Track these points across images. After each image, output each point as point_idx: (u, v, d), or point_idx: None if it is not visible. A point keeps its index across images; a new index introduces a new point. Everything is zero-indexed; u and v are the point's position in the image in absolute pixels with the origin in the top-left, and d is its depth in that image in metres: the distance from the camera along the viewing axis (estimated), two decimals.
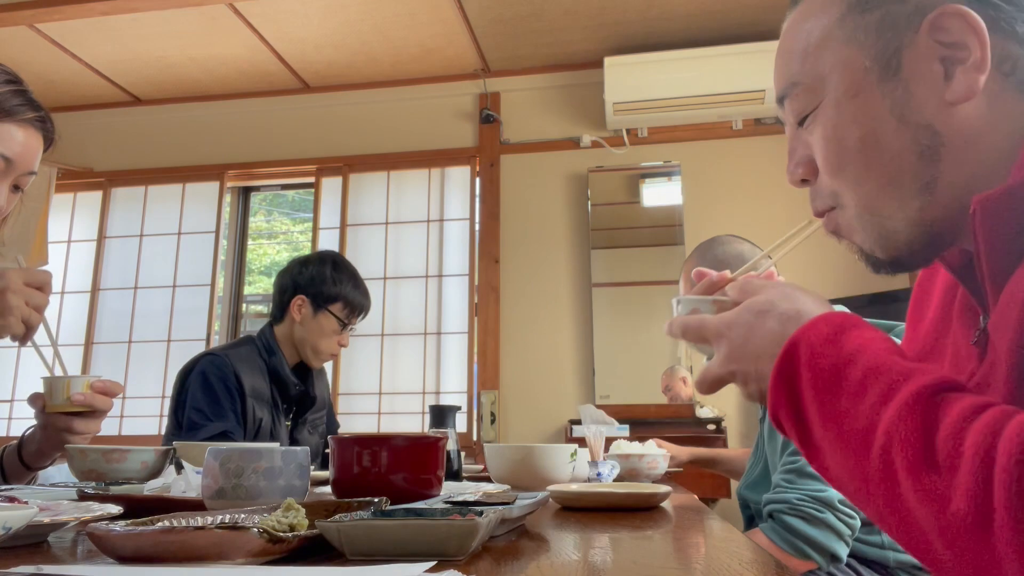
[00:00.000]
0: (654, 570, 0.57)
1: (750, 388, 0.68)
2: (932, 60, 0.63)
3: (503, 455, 1.31)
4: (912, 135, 0.64)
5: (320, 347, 1.99)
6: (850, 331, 0.60)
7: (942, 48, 0.63)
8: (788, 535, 1.26)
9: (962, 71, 0.62)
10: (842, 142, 0.67)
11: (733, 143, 3.67)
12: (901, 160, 0.65)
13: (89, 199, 4.23)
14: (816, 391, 0.59)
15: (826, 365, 0.59)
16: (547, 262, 3.72)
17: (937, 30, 0.63)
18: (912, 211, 0.66)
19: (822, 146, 0.69)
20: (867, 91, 0.66)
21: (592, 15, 3.42)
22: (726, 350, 0.69)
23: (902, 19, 0.65)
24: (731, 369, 0.68)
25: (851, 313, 0.64)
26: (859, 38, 0.67)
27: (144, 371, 3.94)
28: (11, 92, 1.13)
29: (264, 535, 0.54)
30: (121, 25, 3.49)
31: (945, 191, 0.64)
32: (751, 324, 0.67)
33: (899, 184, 0.65)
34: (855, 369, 0.57)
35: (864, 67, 0.66)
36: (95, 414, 1.17)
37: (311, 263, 2.04)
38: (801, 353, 0.61)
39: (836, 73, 0.68)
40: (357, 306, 2.02)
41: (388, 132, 3.99)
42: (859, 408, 0.56)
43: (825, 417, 0.58)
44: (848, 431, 0.56)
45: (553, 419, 3.53)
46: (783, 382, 0.62)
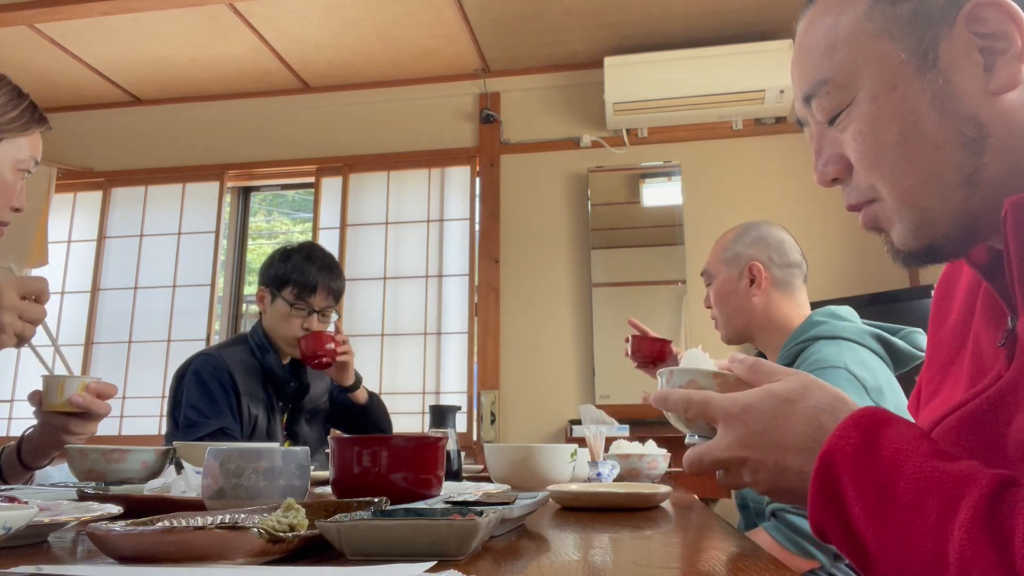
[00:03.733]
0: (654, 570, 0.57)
1: (759, 476, 0.65)
2: (971, 51, 0.62)
3: (503, 455, 1.31)
4: (955, 127, 0.63)
5: (281, 332, 1.95)
6: (881, 434, 0.58)
7: (980, 39, 0.62)
8: (792, 534, 1.26)
9: (1003, 61, 0.62)
10: (881, 136, 0.66)
11: (733, 143, 3.67)
12: (944, 152, 0.63)
13: (89, 199, 4.23)
14: (866, 510, 0.57)
15: (869, 478, 0.57)
16: (547, 262, 3.72)
17: (975, 21, 0.62)
18: (954, 203, 0.64)
19: (859, 141, 0.67)
20: (905, 84, 0.64)
21: (592, 15, 3.42)
22: (738, 434, 0.65)
23: (936, 10, 0.64)
24: (741, 455, 0.65)
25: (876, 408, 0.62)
26: (891, 30, 0.65)
27: (144, 371, 3.94)
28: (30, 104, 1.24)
29: (264, 535, 0.54)
30: (121, 25, 3.49)
31: (988, 183, 0.63)
32: (777, 411, 0.64)
33: (941, 177, 0.64)
34: (902, 481, 0.56)
35: (900, 59, 0.65)
36: (91, 416, 1.18)
37: (273, 255, 2.02)
38: (840, 466, 0.59)
39: (870, 67, 0.66)
40: (305, 285, 1.93)
41: (388, 132, 3.99)
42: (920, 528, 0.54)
43: (880, 537, 0.56)
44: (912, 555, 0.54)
45: (553, 419, 3.53)
46: (824, 498, 0.59)
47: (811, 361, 1.39)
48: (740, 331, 1.64)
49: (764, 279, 1.59)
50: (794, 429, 0.63)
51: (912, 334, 1.45)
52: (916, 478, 0.55)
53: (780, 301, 1.59)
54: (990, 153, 0.62)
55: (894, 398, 1.35)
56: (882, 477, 0.56)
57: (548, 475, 1.28)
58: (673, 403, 0.70)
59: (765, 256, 1.61)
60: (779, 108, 3.52)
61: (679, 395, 0.70)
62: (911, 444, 0.57)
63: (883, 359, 1.43)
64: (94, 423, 1.19)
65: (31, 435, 1.22)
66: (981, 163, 0.63)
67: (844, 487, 0.58)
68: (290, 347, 1.96)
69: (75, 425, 1.18)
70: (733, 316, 1.63)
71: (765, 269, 1.59)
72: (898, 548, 0.55)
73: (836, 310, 1.52)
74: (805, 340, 1.46)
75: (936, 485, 0.54)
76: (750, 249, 1.62)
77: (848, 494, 0.58)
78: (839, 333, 1.43)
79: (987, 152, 0.62)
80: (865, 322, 1.50)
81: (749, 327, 1.62)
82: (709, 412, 0.67)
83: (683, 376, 0.72)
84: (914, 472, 0.55)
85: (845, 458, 0.58)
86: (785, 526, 1.27)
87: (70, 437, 1.18)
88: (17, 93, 1.22)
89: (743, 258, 1.62)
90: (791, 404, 0.64)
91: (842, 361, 1.35)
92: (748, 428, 0.65)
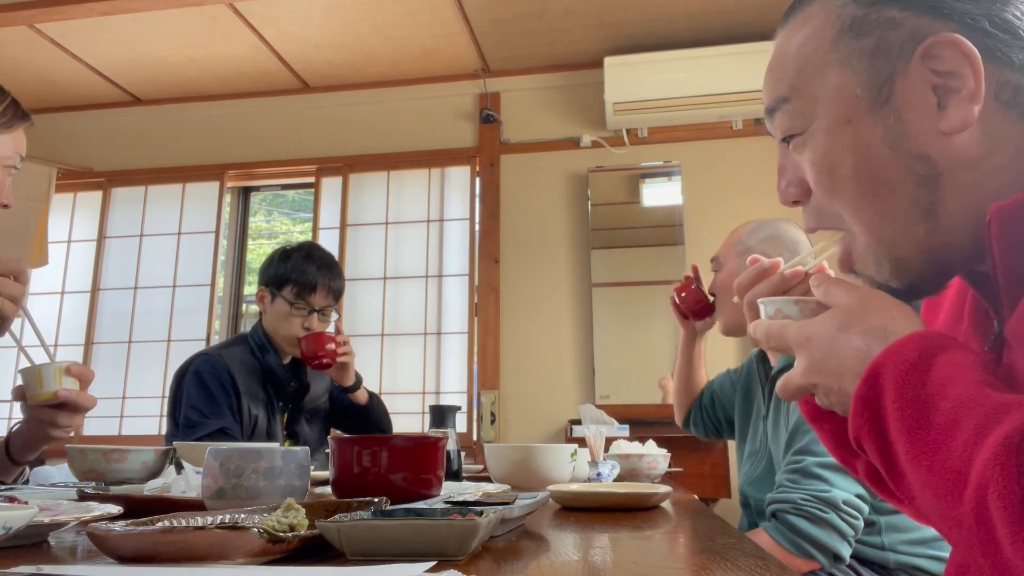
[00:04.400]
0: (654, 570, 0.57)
1: (831, 400, 0.66)
2: (925, 89, 0.63)
3: (503, 455, 1.31)
4: (906, 164, 0.64)
5: (282, 332, 1.95)
6: (939, 356, 0.58)
7: (935, 77, 0.62)
8: (792, 535, 1.26)
9: (956, 101, 0.62)
10: (834, 168, 0.67)
11: (733, 143, 3.67)
12: (899, 187, 0.64)
13: (89, 199, 4.23)
14: (903, 423, 0.56)
15: (913, 396, 0.56)
16: (547, 262, 3.72)
17: (931, 58, 0.62)
18: (918, 236, 0.65)
19: (814, 171, 0.69)
20: (858, 119, 0.65)
21: (592, 15, 3.42)
22: (806, 362, 0.66)
23: (896, 46, 0.64)
24: (812, 381, 0.66)
25: (941, 332, 0.61)
26: (852, 63, 0.66)
27: (144, 371, 3.94)
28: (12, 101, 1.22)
29: (264, 535, 0.54)
30: (121, 25, 3.49)
31: (947, 217, 0.63)
32: (833, 339, 0.64)
33: (899, 210, 0.65)
34: (945, 401, 0.55)
35: (856, 94, 0.65)
36: (78, 408, 1.15)
37: (272, 255, 2.03)
38: (886, 380, 0.58)
39: (827, 99, 0.67)
40: (305, 284, 1.94)
41: (388, 132, 3.99)
42: (951, 445, 0.53)
43: (914, 451, 0.55)
44: (939, 469, 0.53)
45: (553, 419, 3.53)
46: (866, 408, 0.59)
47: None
48: (739, 324, 1.64)
49: None
50: (847, 356, 0.63)
51: None
52: (959, 398, 0.54)
53: None
54: (945, 190, 0.63)
55: None
56: (927, 394, 0.56)
57: (548, 475, 1.28)
58: (760, 335, 0.72)
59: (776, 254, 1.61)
60: None
61: (763, 327, 0.71)
62: (965, 369, 0.56)
63: None
64: (81, 415, 1.16)
65: (19, 430, 1.20)
66: (937, 198, 0.63)
67: (886, 398, 0.58)
68: (291, 347, 1.96)
69: (62, 418, 1.14)
70: (733, 309, 1.63)
71: None
72: (926, 463, 0.54)
73: None
74: None
75: (978, 407, 0.53)
76: (762, 245, 1.62)
77: (888, 405, 0.57)
78: None
79: (942, 188, 0.63)
80: None
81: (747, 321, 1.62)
82: (785, 343, 0.69)
83: (771, 306, 0.74)
84: (959, 393, 0.55)
85: (894, 371, 0.58)
86: (785, 527, 1.27)
87: (57, 431, 1.15)
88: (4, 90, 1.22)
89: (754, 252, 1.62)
90: (845, 330, 0.64)
91: None
92: (811, 356, 0.66)
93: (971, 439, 0.52)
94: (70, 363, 1.14)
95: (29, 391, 1.12)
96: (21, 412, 1.19)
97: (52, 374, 1.12)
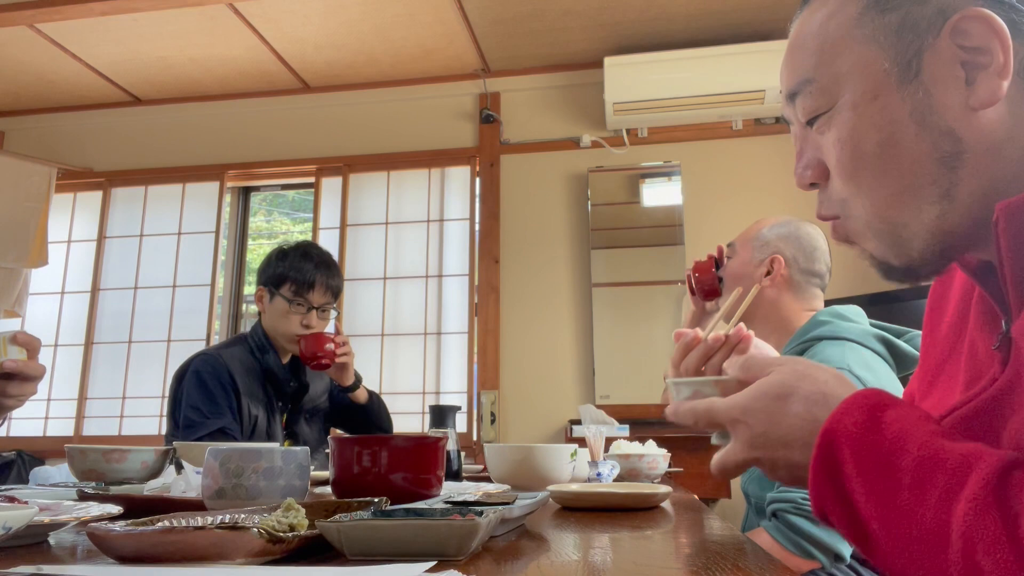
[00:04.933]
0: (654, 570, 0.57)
1: (779, 474, 0.65)
2: (954, 64, 0.62)
3: (503, 455, 1.31)
4: (933, 140, 0.63)
5: (281, 330, 1.95)
6: (887, 412, 0.58)
7: (963, 52, 0.62)
8: (792, 534, 1.26)
9: (984, 76, 0.61)
10: (859, 146, 0.66)
11: (733, 143, 3.67)
12: (920, 166, 0.63)
13: (89, 199, 4.23)
14: (869, 487, 0.55)
15: (873, 459, 0.56)
16: (547, 262, 3.72)
17: (959, 34, 0.62)
18: (929, 219, 0.64)
19: (837, 149, 0.67)
20: (887, 94, 0.64)
21: (592, 15, 3.42)
22: (746, 436, 0.66)
23: (923, 21, 0.63)
24: (755, 456, 0.66)
25: (877, 390, 0.61)
26: (879, 39, 0.65)
27: (144, 371, 3.94)
28: None
29: (264, 535, 0.54)
30: (121, 25, 3.49)
31: (964, 199, 0.63)
32: (771, 410, 0.64)
33: (917, 191, 0.64)
34: (906, 458, 0.54)
35: (884, 69, 0.64)
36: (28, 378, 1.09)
37: (270, 255, 2.03)
38: (841, 445, 0.57)
39: (854, 74, 0.66)
40: (303, 281, 1.94)
41: (388, 132, 3.99)
42: (924, 504, 0.52)
43: (886, 517, 0.54)
44: (916, 532, 0.52)
45: (553, 419, 3.53)
46: (826, 478, 0.58)
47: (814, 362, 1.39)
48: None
49: (781, 275, 1.59)
50: (792, 425, 0.63)
51: (916, 337, 1.45)
52: (921, 456, 0.54)
53: (790, 300, 1.59)
54: (966, 168, 0.62)
55: None
56: (886, 455, 0.55)
57: (548, 475, 1.28)
58: (683, 417, 0.71)
59: (791, 254, 1.61)
60: (779, 108, 3.50)
61: (686, 409, 0.71)
62: (916, 424, 0.56)
63: (887, 361, 1.42)
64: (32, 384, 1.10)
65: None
66: (957, 178, 0.62)
67: (845, 466, 0.57)
68: (290, 345, 1.96)
69: (12, 388, 1.08)
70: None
71: (785, 266, 1.60)
72: (900, 527, 0.54)
73: (842, 310, 1.52)
74: (808, 340, 1.46)
75: (941, 463, 0.53)
76: (780, 242, 1.62)
77: (849, 473, 0.57)
78: (843, 334, 1.43)
79: (963, 167, 0.62)
80: (872, 323, 1.50)
81: (751, 314, 1.63)
82: (715, 420, 0.68)
83: (687, 388, 0.73)
84: (919, 450, 0.54)
85: (847, 437, 0.57)
86: (785, 526, 1.27)
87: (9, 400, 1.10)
88: None
89: (770, 247, 1.62)
90: (783, 400, 0.64)
91: (845, 362, 1.35)
92: (751, 430, 0.65)
93: (943, 496, 0.52)
94: (16, 332, 1.08)
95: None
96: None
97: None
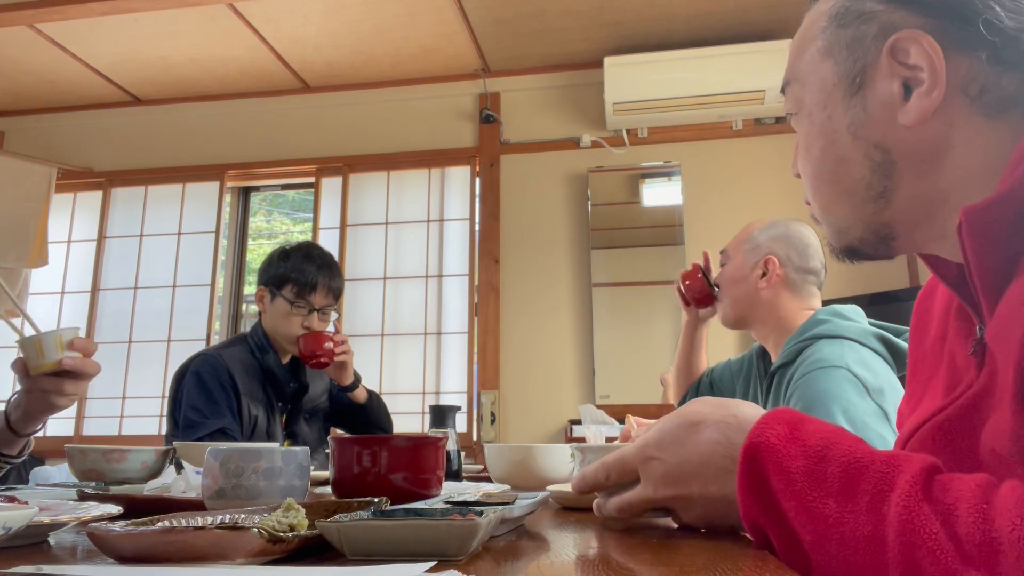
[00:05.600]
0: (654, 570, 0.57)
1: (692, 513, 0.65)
2: (892, 80, 0.65)
3: (503, 455, 1.31)
4: (864, 151, 0.67)
5: (282, 331, 1.95)
6: (805, 425, 0.59)
7: (904, 69, 0.64)
8: None
9: (917, 95, 0.64)
10: (809, 150, 0.72)
11: (733, 143, 3.67)
12: (855, 172, 0.68)
13: (89, 199, 4.23)
14: (798, 500, 0.55)
15: (797, 467, 0.56)
16: (547, 262, 3.72)
17: (898, 52, 0.64)
18: (866, 214, 0.69)
19: (798, 151, 0.75)
20: (833, 106, 0.69)
21: (592, 15, 3.42)
22: (659, 473, 0.65)
23: (868, 39, 0.66)
24: (668, 495, 0.65)
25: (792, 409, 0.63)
26: (833, 52, 0.69)
27: (144, 371, 3.94)
28: None
29: (264, 535, 0.54)
30: (121, 25, 3.49)
31: (901, 202, 0.67)
32: (684, 439, 0.64)
33: (853, 194, 0.69)
34: (831, 466, 0.55)
35: (833, 84, 0.69)
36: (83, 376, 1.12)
37: (271, 255, 2.03)
38: (766, 458, 0.58)
39: (813, 86, 0.71)
40: (305, 283, 1.94)
41: (388, 132, 3.99)
42: (854, 510, 0.53)
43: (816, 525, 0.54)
44: (848, 538, 0.53)
45: (553, 419, 3.53)
46: (754, 496, 0.58)
47: (812, 360, 1.39)
48: (741, 318, 1.65)
49: (776, 275, 1.59)
50: (706, 452, 0.63)
51: None
52: (846, 462, 0.55)
53: (788, 300, 1.59)
54: (900, 176, 0.66)
55: (895, 399, 1.34)
56: (812, 464, 0.56)
57: (548, 475, 1.28)
58: (593, 475, 0.71)
59: (784, 253, 1.61)
60: (779, 108, 3.52)
61: (593, 468, 0.71)
62: (837, 433, 0.58)
63: (886, 360, 1.42)
64: (85, 382, 1.14)
65: (17, 401, 1.16)
66: (892, 184, 0.67)
67: (772, 479, 0.57)
68: (291, 345, 1.96)
69: (68, 386, 1.11)
70: (737, 302, 1.64)
71: (780, 266, 1.60)
72: (832, 535, 0.53)
73: (841, 309, 1.52)
74: (807, 339, 1.46)
75: (866, 467, 0.54)
76: (772, 243, 1.62)
77: (776, 487, 0.57)
78: (841, 332, 1.43)
79: (897, 175, 0.66)
80: (871, 322, 1.50)
81: (750, 316, 1.63)
82: (627, 465, 0.68)
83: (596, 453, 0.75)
84: (843, 456, 0.55)
85: (771, 450, 0.58)
86: None
87: (62, 399, 1.13)
88: None
89: (762, 249, 1.62)
90: (695, 428, 0.65)
91: (843, 361, 1.35)
92: (665, 465, 0.65)
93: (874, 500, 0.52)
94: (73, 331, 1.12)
95: (31, 362, 1.09)
96: (20, 384, 1.15)
97: (53, 343, 1.09)
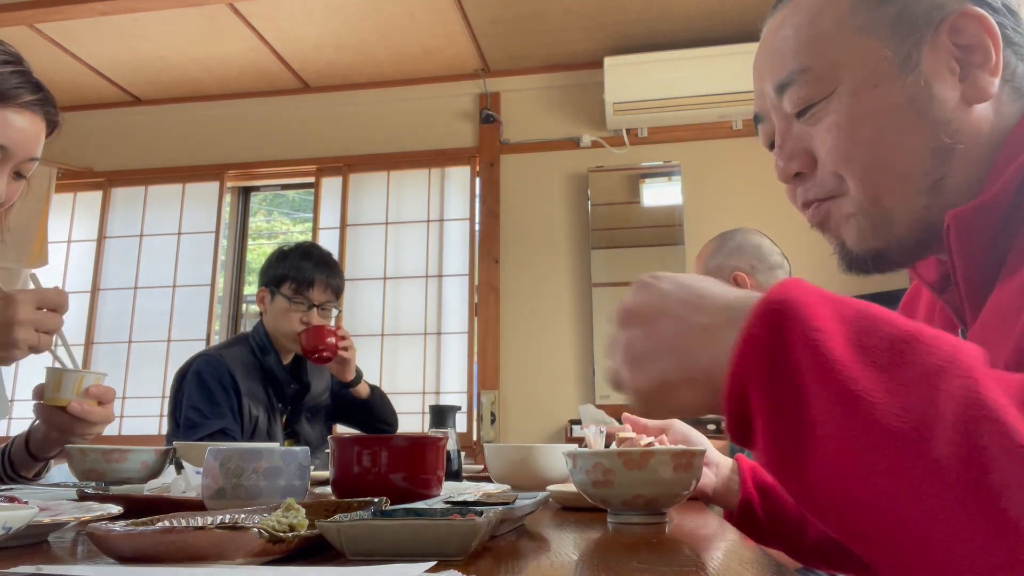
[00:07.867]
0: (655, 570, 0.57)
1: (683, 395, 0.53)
2: (949, 59, 0.64)
3: (503, 455, 1.31)
4: (931, 131, 0.64)
5: (282, 329, 1.96)
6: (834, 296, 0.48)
7: (957, 49, 0.64)
8: None
9: (978, 73, 0.63)
10: (857, 132, 0.65)
11: (733, 143, 3.67)
12: (916, 155, 0.64)
13: (89, 199, 4.23)
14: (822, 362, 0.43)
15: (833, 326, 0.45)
16: (547, 262, 3.72)
17: (955, 31, 0.64)
18: (917, 208, 0.65)
19: (834, 135, 0.66)
20: (887, 82, 0.65)
21: (592, 15, 3.42)
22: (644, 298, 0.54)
23: (920, 16, 0.65)
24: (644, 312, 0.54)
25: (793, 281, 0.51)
26: (876, 30, 0.66)
27: (144, 371, 3.94)
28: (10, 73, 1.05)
29: (264, 535, 0.54)
30: (121, 25, 3.49)
31: (950, 194, 0.64)
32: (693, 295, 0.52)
33: (909, 180, 0.64)
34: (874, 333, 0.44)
35: (885, 57, 0.65)
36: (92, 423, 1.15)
37: (271, 256, 2.05)
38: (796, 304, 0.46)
39: (854, 62, 0.66)
40: (303, 280, 1.96)
41: (388, 132, 3.99)
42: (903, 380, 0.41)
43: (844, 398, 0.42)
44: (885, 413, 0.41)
45: (553, 419, 3.53)
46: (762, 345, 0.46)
47: None
48: None
49: (749, 287, 1.60)
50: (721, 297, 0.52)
51: None
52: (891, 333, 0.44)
53: None
54: (956, 161, 0.63)
55: None
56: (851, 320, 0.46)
57: (548, 475, 1.28)
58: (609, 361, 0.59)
59: (747, 264, 1.63)
60: None
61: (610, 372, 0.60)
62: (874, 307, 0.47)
63: None
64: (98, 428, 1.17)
65: (38, 426, 1.20)
66: (947, 170, 0.64)
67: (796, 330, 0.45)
68: (292, 344, 1.96)
69: (79, 427, 1.15)
70: None
71: (749, 277, 1.61)
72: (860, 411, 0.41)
73: None
74: None
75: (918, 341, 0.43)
76: (730, 260, 1.63)
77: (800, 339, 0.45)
78: None
79: (953, 160, 0.63)
80: None
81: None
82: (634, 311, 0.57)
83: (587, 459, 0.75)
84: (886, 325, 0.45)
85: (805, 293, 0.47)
86: None
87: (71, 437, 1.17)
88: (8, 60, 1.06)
89: (725, 270, 1.63)
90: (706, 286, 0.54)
91: None
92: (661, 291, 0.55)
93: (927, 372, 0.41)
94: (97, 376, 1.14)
95: (47, 391, 1.13)
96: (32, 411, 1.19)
97: (72, 383, 1.12)
